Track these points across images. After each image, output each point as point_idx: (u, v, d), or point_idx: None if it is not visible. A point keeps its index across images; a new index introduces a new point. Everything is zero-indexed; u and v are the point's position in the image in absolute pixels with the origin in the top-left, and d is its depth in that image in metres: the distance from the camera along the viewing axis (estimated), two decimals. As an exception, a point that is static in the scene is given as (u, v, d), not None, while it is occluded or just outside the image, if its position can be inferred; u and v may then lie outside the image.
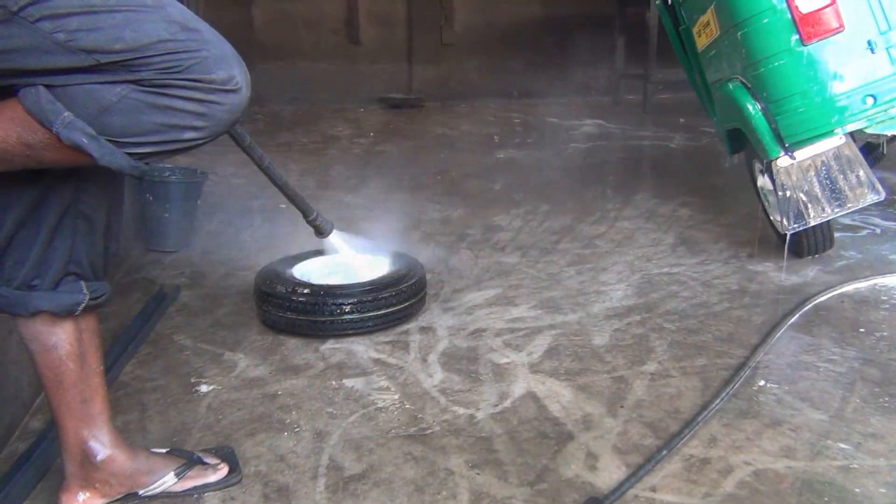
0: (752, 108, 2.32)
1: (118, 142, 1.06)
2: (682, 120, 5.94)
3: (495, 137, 5.45)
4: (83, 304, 1.28)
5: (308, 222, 2.23)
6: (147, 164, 1.10)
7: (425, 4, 7.26)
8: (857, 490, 1.43)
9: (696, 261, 2.78)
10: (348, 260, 2.37)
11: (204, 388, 1.87)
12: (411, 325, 2.22)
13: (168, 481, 1.43)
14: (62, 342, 1.28)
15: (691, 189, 3.81)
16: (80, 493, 1.36)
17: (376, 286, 2.16)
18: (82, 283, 1.29)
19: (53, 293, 1.26)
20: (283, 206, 3.42)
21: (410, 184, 4.07)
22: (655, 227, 3.20)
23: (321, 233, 2.26)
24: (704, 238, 3.03)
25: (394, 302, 2.15)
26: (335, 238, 2.30)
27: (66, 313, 1.27)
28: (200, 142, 1.10)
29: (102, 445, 1.36)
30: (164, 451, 1.52)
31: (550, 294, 2.48)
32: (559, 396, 1.79)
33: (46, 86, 1.04)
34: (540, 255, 2.87)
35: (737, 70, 2.42)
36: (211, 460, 1.50)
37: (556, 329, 2.19)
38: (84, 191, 1.26)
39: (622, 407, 1.74)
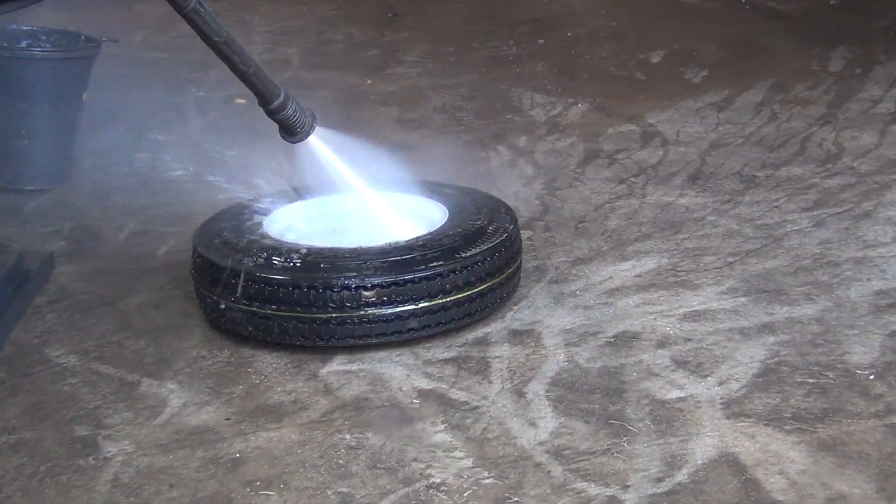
0: None
1: None
2: None
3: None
4: None
5: (269, 113, 2.22)
6: None
7: None
8: None
9: None
10: (364, 197, 2.38)
11: (106, 447, 1.91)
12: (493, 328, 2.24)
13: None
14: None
15: None
16: None
17: (424, 251, 2.18)
18: None
19: None
20: (243, 100, 3.46)
21: (486, 54, 4.05)
22: (969, 133, 3.16)
23: (292, 132, 2.26)
24: None
25: (460, 283, 2.17)
26: (319, 141, 2.29)
27: None
28: None
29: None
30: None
31: (764, 265, 2.47)
32: (784, 462, 1.78)
33: None
34: (741, 190, 2.86)
35: None
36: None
37: (775, 333, 2.18)
38: None
39: (909, 483, 1.72)
